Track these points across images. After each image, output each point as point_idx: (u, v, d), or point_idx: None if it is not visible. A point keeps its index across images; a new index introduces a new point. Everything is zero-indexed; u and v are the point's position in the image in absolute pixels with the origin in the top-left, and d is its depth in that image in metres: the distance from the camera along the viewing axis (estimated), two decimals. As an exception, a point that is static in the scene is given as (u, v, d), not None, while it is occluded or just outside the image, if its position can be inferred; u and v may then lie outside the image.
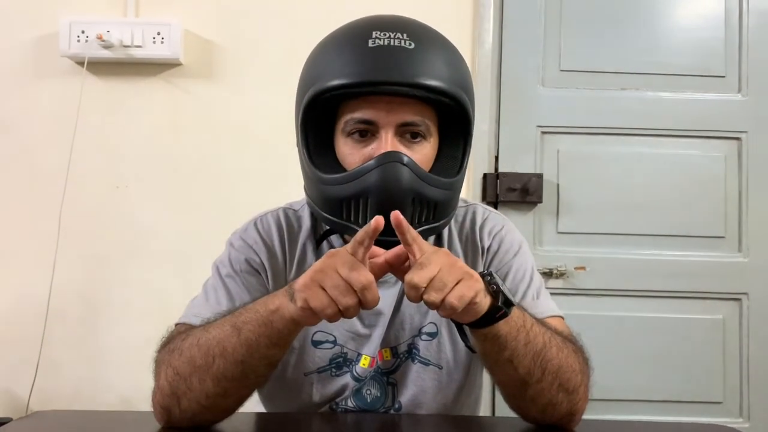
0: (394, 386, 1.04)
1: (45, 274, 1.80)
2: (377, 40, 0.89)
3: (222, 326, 0.86)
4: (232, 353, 0.84)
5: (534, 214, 1.93)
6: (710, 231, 1.93)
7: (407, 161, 0.89)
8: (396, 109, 0.91)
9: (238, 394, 0.88)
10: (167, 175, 1.87)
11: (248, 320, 0.84)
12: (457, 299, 0.77)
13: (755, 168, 1.94)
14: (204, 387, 0.86)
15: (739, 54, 1.96)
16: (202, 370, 0.85)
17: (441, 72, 0.90)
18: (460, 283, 0.78)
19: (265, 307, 0.84)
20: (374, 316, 1.02)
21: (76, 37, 1.81)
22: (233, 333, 0.84)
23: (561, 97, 1.95)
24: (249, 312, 0.85)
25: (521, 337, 0.86)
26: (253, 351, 0.84)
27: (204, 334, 0.87)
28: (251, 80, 1.88)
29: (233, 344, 0.84)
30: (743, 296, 1.93)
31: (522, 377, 0.88)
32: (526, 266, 1.05)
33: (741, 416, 1.92)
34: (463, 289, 0.78)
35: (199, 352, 0.86)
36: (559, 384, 0.89)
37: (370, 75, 0.88)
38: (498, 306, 0.82)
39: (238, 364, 0.84)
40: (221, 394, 0.86)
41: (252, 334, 0.83)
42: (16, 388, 1.82)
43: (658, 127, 1.94)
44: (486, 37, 1.90)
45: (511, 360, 0.87)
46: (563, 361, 0.89)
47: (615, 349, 1.89)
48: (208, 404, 0.87)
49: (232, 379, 0.85)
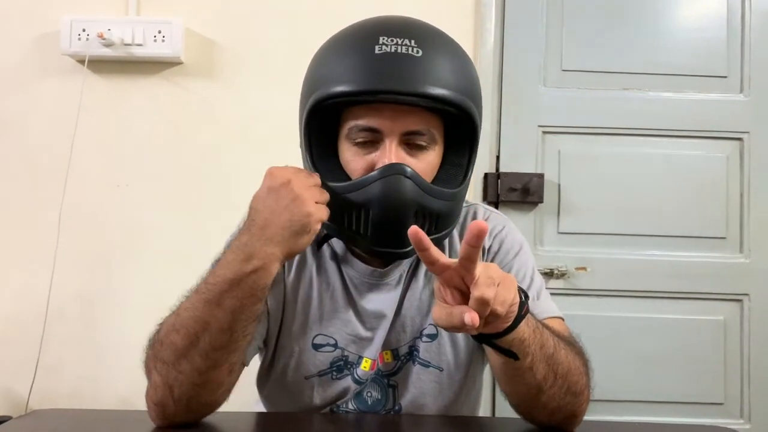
0: (394, 388, 1.03)
1: (45, 272, 1.79)
2: (384, 47, 0.88)
3: (194, 304, 0.86)
4: (216, 324, 0.84)
5: (535, 215, 1.92)
6: (712, 232, 1.93)
7: (410, 173, 0.88)
8: (401, 117, 0.90)
9: (229, 361, 0.88)
10: (168, 174, 1.87)
11: (223, 291, 0.84)
12: (500, 303, 0.72)
13: (757, 169, 1.93)
14: (194, 365, 0.85)
15: (741, 54, 1.95)
16: (187, 350, 0.85)
17: (448, 81, 0.89)
18: (500, 286, 0.72)
19: (243, 272, 0.84)
20: (376, 319, 1.01)
21: (77, 36, 1.81)
22: (212, 307, 0.84)
23: (563, 97, 1.94)
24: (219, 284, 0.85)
25: (537, 340, 0.83)
26: (238, 314, 0.85)
27: (176, 318, 0.87)
28: (252, 79, 1.88)
29: (217, 317, 0.84)
30: (744, 297, 1.92)
31: (538, 383, 0.86)
32: (526, 267, 1.05)
33: (742, 417, 1.92)
34: (504, 293, 0.72)
35: (178, 336, 0.85)
36: (567, 387, 0.88)
37: (376, 83, 0.88)
38: (523, 301, 0.79)
39: (224, 332, 0.85)
40: (212, 366, 0.86)
41: (235, 300, 0.84)
42: (15, 386, 1.82)
43: (659, 127, 1.93)
44: (487, 37, 1.90)
45: (531, 367, 0.84)
46: (571, 364, 0.88)
47: (616, 350, 1.89)
48: (202, 381, 0.86)
49: (221, 347, 0.85)
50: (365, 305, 1.02)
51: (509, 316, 0.76)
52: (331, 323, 1.02)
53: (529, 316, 0.82)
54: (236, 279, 0.84)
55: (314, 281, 1.03)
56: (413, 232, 0.71)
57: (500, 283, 0.73)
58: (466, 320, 0.69)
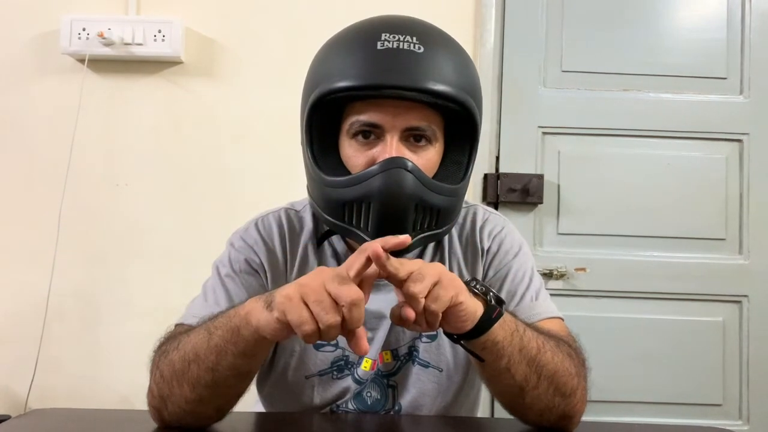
0: (394, 388, 1.03)
1: (44, 271, 1.80)
2: (386, 43, 0.88)
3: (199, 330, 0.85)
4: (204, 359, 0.83)
5: (534, 215, 1.93)
6: (711, 233, 1.93)
7: (411, 167, 0.88)
8: (402, 113, 0.90)
9: (214, 403, 0.87)
10: (168, 174, 1.87)
11: (219, 325, 0.82)
12: (433, 300, 0.75)
13: (756, 170, 1.93)
14: (183, 392, 0.85)
15: (741, 55, 1.96)
16: (180, 375, 0.85)
17: (449, 77, 0.90)
18: (437, 284, 0.76)
19: (236, 312, 0.81)
20: (376, 319, 1.01)
21: (77, 35, 1.80)
22: (205, 337, 0.83)
23: (562, 98, 1.94)
24: (223, 316, 0.83)
25: (515, 343, 0.85)
26: (221, 358, 0.81)
27: (185, 337, 0.87)
28: (252, 78, 1.88)
29: (204, 350, 0.83)
30: (743, 299, 1.93)
31: (519, 384, 0.87)
32: (525, 267, 1.05)
33: (740, 419, 1.92)
34: (440, 291, 0.76)
35: (177, 356, 0.85)
36: (555, 389, 0.88)
37: (378, 78, 0.88)
38: (492, 305, 0.82)
39: (209, 371, 0.83)
40: (198, 401, 0.85)
41: (221, 340, 0.81)
42: (15, 385, 1.82)
43: (659, 128, 1.94)
44: (487, 38, 1.90)
45: (508, 368, 0.85)
46: (558, 365, 0.88)
47: (615, 351, 1.89)
48: (189, 409, 0.86)
49: (205, 386, 0.84)
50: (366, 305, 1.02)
51: (461, 315, 0.79)
52: (333, 322, 1.02)
53: (507, 319, 0.84)
54: (229, 319, 0.82)
55: (315, 280, 1.03)
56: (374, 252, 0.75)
57: (438, 282, 0.76)
58: (402, 314, 0.75)
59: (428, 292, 0.75)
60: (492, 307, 0.82)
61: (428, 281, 0.75)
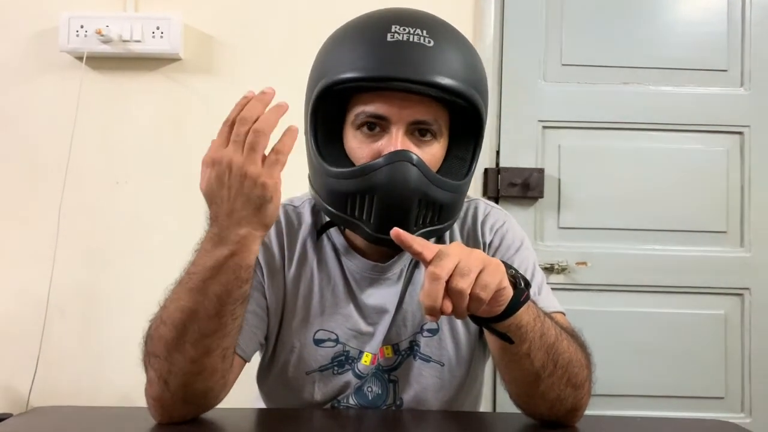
0: (395, 383, 1.03)
1: (45, 269, 1.79)
2: (396, 35, 0.88)
3: (179, 295, 0.85)
4: (204, 312, 0.83)
5: (535, 209, 1.92)
6: (712, 226, 1.93)
7: (416, 161, 0.88)
8: (409, 106, 0.90)
9: (220, 346, 0.86)
10: (167, 171, 1.86)
11: (208, 276, 0.83)
12: (482, 288, 0.74)
13: (757, 162, 1.93)
14: (186, 355, 0.84)
15: (741, 48, 1.95)
16: (178, 341, 0.84)
17: (458, 72, 0.89)
18: (483, 271, 0.74)
19: (221, 255, 0.83)
20: (377, 314, 1.01)
21: (75, 32, 1.80)
22: (197, 294, 0.83)
23: (562, 92, 1.94)
24: (203, 270, 0.84)
25: (537, 328, 0.84)
26: (224, 299, 0.83)
27: (164, 311, 0.87)
28: (251, 75, 1.87)
29: (203, 304, 0.83)
30: (745, 291, 1.92)
31: (536, 371, 0.86)
32: (527, 262, 1.04)
33: (743, 411, 1.92)
34: (487, 278, 0.74)
35: (166, 329, 0.85)
36: (567, 378, 0.88)
37: (387, 70, 0.87)
38: (521, 288, 0.80)
39: (213, 318, 0.83)
40: (205, 353, 0.85)
41: (221, 286, 0.83)
42: (16, 383, 1.82)
43: (660, 121, 1.93)
44: (487, 32, 1.89)
45: (528, 353, 0.85)
46: (573, 355, 0.88)
47: (616, 345, 1.89)
48: (196, 369, 0.85)
49: (211, 333, 0.84)
50: (366, 300, 1.02)
51: (500, 300, 0.78)
52: (332, 318, 1.02)
53: (531, 304, 0.83)
54: (217, 265, 0.83)
55: (315, 276, 1.03)
56: (395, 234, 0.75)
57: (484, 268, 0.74)
58: (443, 308, 0.73)
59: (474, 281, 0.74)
60: (521, 290, 0.80)
61: (474, 273, 0.73)
